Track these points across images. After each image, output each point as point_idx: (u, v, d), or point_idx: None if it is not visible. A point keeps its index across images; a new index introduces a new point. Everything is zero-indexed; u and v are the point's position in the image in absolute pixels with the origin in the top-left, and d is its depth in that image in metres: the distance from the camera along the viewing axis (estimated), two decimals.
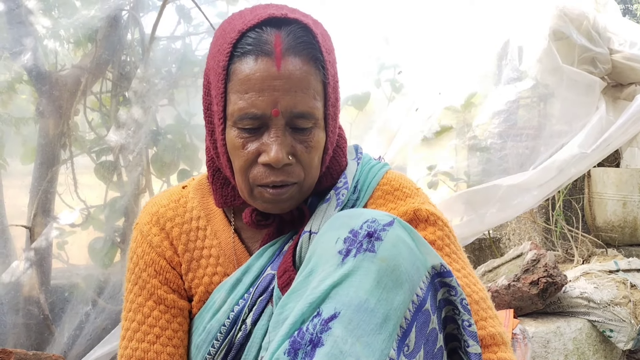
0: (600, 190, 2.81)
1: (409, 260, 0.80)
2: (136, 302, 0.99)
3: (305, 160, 0.90)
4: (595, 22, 2.47)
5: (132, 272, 1.02)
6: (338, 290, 0.76)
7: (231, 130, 0.89)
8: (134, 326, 0.98)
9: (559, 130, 2.43)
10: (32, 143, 2.00)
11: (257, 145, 0.88)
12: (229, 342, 0.95)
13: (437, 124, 2.49)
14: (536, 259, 2.01)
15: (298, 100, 0.86)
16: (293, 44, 0.86)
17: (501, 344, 0.92)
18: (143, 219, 1.05)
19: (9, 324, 1.82)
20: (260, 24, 0.86)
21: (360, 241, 0.79)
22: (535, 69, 2.47)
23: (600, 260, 2.43)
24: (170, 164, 2.09)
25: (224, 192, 1.01)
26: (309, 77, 0.86)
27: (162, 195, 1.09)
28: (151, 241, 1.02)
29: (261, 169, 0.89)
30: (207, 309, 0.99)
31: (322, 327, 0.74)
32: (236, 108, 0.86)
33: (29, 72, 1.94)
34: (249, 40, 0.86)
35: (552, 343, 1.97)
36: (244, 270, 0.98)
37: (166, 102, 2.13)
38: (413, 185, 1.05)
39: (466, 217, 2.36)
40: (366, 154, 1.09)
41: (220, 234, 1.03)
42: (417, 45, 2.51)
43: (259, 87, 0.84)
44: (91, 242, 1.99)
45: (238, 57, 0.86)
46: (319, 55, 0.88)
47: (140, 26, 2.07)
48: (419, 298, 0.80)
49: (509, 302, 2.01)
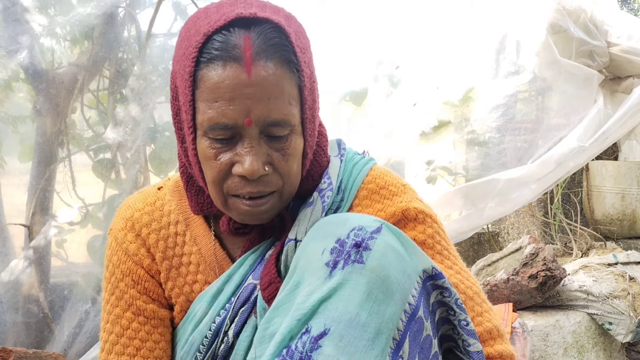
0: (599, 183, 2.81)
1: (399, 268, 0.77)
2: (114, 313, 0.95)
3: (283, 168, 0.84)
4: (593, 15, 2.47)
5: (109, 282, 0.97)
6: (327, 305, 0.73)
7: (202, 140, 0.82)
8: (112, 338, 0.94)
9: (557, 124, 2.42)
10: (29, 141, 1.99)
11: (230, 155, 0.82)
12: (212, 355, 0.92)
13: (435, 119, 2.48)
14: (535, 252, 2.01)
15: (272, 107, 0.79)
16: (264, 47, 0.78)
17: (497, 337, 0.92)
18: (117, 224, 0.99)
19: (9, 323, 1.83)
20: (227, 25, 0.79)
21: (347, 252, 0.76)
22: (533, 63, 2.47)
23: (599, 253, 2.43)
24: (168, 161, 2.09)
25: (199, 200, 0.95)
26: (282, 82, 0.80)
27: (136, 197, 1.02)
28: (127, 249, 0.96)
29: (236, 180, 0.83)
30: (189, 320, 0.95)
31: (312, 345, 0.71)
32: (206, 118, 0.79)
33: (25, 70, 1.93)
34: (215, 45, 0.78)
35: (552, 336, 1.97)
36: (226, 279, 0.93)
37: (163, 99, 2.12)
38: (399, 181, 1.00)
39: (465, 212, 2.36)
40: (349, 149, 1.03)
41: (200, 239, 0.98)
42: (415, 40, 2.51)
43: (228, 96, 0.78)
44: (90, 240, 1.99)
45: (205, 63, 0.79)
46: (292, 57, 0.81)
47: (136, 23, 2.06)
48: (412, 306, 0.78)
49: (508, 296, 2.01)
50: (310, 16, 1.80)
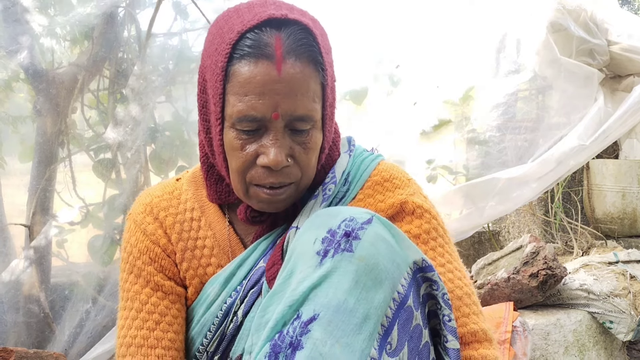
0: (599, 182, 2.81)
1: (389, 258, 0.80)
2: (132, 290, 0.98)
3: (304, 161, 0.90)
4: (593, 14, 2.46)
5: (127, 262, 1.01)
6: (317, 292, 0.76)
7: (229, 131, 0.88)
8: (132, 314, 0.96)
9: (558, 123, 2.42)
10: (30, 141, 2.00)
11: (255, 147, 0.87)
12: (221, 334, 0.95)
13: (435, 118, 2.48)
14: (535, 251, 2.01)
15: (298, 103, 0.85)
16: (294, 46, 0.84)
17: (484, 341, 0.92)
18: (136, 209, 1.04)
19: (10, 323, 1.83)
20: (259, 24, 0.84)
21: (338, 241, 0.79)
22: (533, 62, 2.47)
23: (600, 252, 2.43)
24: (169, 161, 2.09)
25: (218, 189, 1.00)
26: (309, 80, 0.85)
27: (155, 187, 1.08)
28: (145, 229, 1.01)
29: (259, 170, 0.88)
30: (201, 302, 0.98)
31: (301, 330, 0.74)
32: (235, 110, 0.85)
33: (25, 71, 1.93)
34: (248, 42, 0.84)
35: (552, 335, 1.97)
36: (239, 264, 0.97)
37: (163, 99, 2.13)
38: (405, 175, 1.04)
39: (465, 211, 2.35)
40: (359, 146, 1.09)
41: (215, 225, 1.02)
42: (415, 39, 2.50)
43: (259, 91, 0.83)
44: (90, 240, 1.99)
45: (237, 59, 0.84)
46: (319, 57, 0.87)
47: (136, 23, 2.06)
48: (401, 295, 0.80)
49: (509, 295, 2.01)
50: None
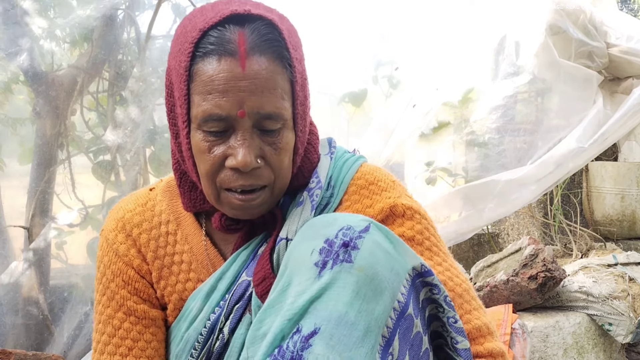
0: (599, 184, 2.81)
1: (388, 266, 0.78)
2: (105, 313, 0.96)
3: (275, 162, 0.86)
4: (592, 16, 2.47)
5: (100, 282, 0.98)
6: (317, 305, 0.74)
7: (196, 134, 0.85)
8: (105, 339, 0.95)
9: (557, 125, 2.42)
10: (29, 143, 2.00)
11: (223, 148, 0.84)
12: (207, 351, 0.92)
13: (434, 120, 2.48)
14: (534, 253, 2.01)
15: (265, 100, 0.82)
16: (258, 42, 0.82)
17: (487, 335, 0.91)
18: (109, 225, 1.00)
19: (9, 325, 1.83)
20: (222, 21, 0.82)
21: (336, 252, 0.77)
22: (532, 64, 2.47)
23: (599, 254, 2.43)
24: (167, 163, 2.09)
25: (192, 196, 0.97)
26: (275, 77, 0.83)
27: (128, 199, 1.04)
28: (117, 250, 0.98)
29: (229, 173, 0.85)
30: (184, 318, 0.96)
31: (302, 345, 0.72)
32: (200, 110, 0.82)
33: (25, 73, 1.94)
34: (211, 40, 0.81)
35: (551, 337, 1.97)
36: (219, 277, 0.94)
37: (163, 101, 2.13)
38: (389, 177, 1.01)
39: (465, 213, 2.36)
40: (340, 147, 1.05)
41: (191, 238, 0.99)
42: (414, 42, 2.51)
43: (223, 88, 0.81)
44: (90, 242, 1.99)
45: (200, 57, 0.82)
46: (285, 52, 0.84)
47: (136, 25, 2.07)
48: (401, 304, 0.78)
49: (508, 297, 2.01)
50: (309, 17, 1.80)
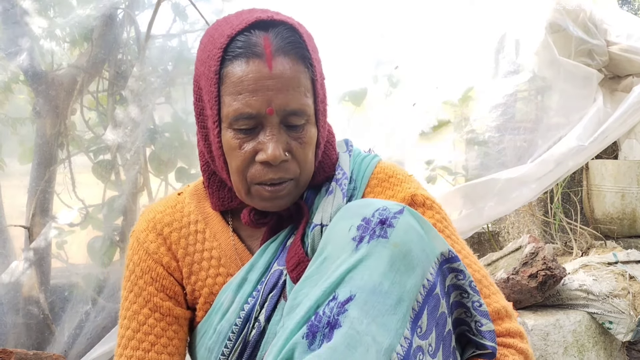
0: (599, 182, 2.81)
1: (420, 246, 0.83)
2: (131, 309, 1.01)
3: (300, 155, 0.93)
4: (592, 14, 2.47)
5: (128, 280, 1.03)
6: (353, 275, 0.80)
7: (227, 132, 0.91)
8: (129, 334, 1.00)
9: (557, 123, 2.42)
10: (29, 143, 2.00)
11: (253, 144, 0.91)
12: (243, 341, 0.97)
13: (434, 119, 2.48)
14: (535, 252, 2.01)
15: (290, 98, 0.89)
16: (282, 44, 0.89)
17: (505, 317, 0.97)
18: (140, 226, 1.06)
19: (9, 324, 1.83)
20: (248, 27, 0.89)
21: (373, 228, 0.82)
22: (532, 62, 2.47)
23: (599, 252, 2.43)
24: (168, 162, 2.09)
25: (221, 195, 1.03)
26: (299, 75, 0.90)
27: (158, 203, 1.11)
28: (147, 248, 1.03)
29: (259, 167, 0.91)
30: (215, 311, 1.00)
31: (338, 310, 0.77)
32: (231, 110, 0.89)
33: (25, 72, 1.94)
34: (238, 44, 0.88)
35: (552, 335, 1.97)
36: (249, 268, 0.99)
37: (163, 100, 2.13)
38: (405, 172, 1.08)
39: (465, 211, 2.36)
40: (356, 148, 1.12)
41: (220, 235, 1.05)
42: (414, 40, 2.51)
43: (252, 88, 0.87)
44: (90, 241, 1.99)
45: (229, 61, 0.89)
46: (306, 53, 0.92)
47: (135, 24, 2.07)
48: (430, 282, 0.83)
49: (508, 296, 2.01)
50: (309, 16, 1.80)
